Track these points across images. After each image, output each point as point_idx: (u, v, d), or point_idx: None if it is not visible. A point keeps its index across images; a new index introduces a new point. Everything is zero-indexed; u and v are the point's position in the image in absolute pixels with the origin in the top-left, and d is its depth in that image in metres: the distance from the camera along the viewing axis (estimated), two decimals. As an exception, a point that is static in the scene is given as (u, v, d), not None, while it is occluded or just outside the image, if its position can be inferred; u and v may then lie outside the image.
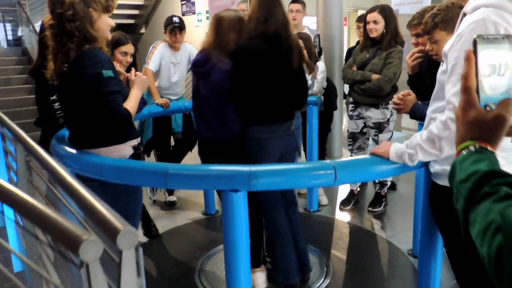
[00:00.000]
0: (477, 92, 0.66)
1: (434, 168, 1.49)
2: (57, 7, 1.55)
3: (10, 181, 2.22)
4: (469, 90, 0.65)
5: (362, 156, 1.55)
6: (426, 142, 1.36)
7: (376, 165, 1.45)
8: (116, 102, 1.58)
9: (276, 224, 2.17)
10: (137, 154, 1.75)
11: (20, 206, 0.89)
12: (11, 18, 8.51)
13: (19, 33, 7.92)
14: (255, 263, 2.18)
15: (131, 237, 0.79)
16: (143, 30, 8.38)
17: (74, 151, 1.66)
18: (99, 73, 1.54)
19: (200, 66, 2.07)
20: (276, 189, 2.05)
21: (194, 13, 6.64)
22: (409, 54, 2.25)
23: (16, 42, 7.93)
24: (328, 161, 1.39)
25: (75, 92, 1.60)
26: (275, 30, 1.98)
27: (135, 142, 1.76)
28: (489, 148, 0.64)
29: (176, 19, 3.29)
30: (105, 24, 1.63)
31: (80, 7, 1.55)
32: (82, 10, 1.55)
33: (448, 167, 1.42)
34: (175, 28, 3.26)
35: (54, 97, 2.27)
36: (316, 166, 1.47)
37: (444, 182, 1.46)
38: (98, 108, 1.59)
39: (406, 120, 4.54)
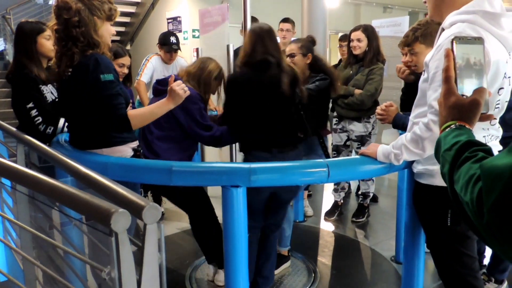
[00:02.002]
0: (455, 83, 0.81)
1: (417, 168, 1.61)
2: (63, 13, 1.63)
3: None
4: (449, 80, 0.80)
5: (352, 157, 1.67)
6: (410, 142, 1.49)
7: (365, 164, 1.57)
8: (115, 104, 1.62)
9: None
10: (137, 156, 1.81)
11: (52, 191, 0.96)
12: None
13: (1, 47, 7.84)
14: (221, 264, 2.27)
15: (154, 211, 0.88)
16: (128, 47, 8.45)
17: (77, 151, 1.72)
18: (99, 77, 1.60)
19: None
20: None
21: (180, 31, 6.77)
22: (397, 69, 2.35)
23: (-3, 56, 7.84)
24: (321, 160, 1.50)
25: (77, 95, 1.66)
26: (263, 59, 1.94)
27: (135, 144, 1.82)
28: (467, 126, 0.78)
29: (173, 40, 3.42)
30: (107, 31, 1.72)
31: (85, 14, 1.63)
32: (87, 17, 1.63)
33: (429, 167, 1.56)
34: (172, 50, 3.40)
35: (30, 105, 2.19)
36: (311, 164, 1.58)
37: (426, 181, 1.58)
38: (98, 111, 1.64)
39: (386, 136, 4.74)
